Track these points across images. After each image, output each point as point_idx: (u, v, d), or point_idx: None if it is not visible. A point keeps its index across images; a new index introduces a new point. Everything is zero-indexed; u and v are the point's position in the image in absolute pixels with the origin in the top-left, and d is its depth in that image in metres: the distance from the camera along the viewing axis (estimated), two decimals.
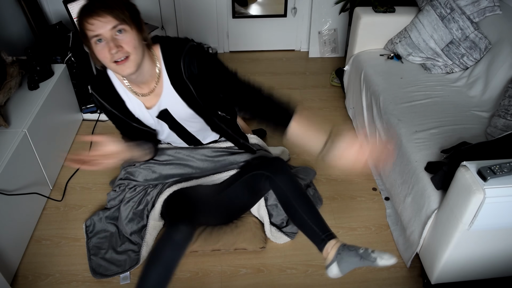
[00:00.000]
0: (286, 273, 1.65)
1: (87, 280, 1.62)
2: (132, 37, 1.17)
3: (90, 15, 1.12)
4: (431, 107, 1.88)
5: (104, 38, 1.14)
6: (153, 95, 1.37)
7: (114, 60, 1.16)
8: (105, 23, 1.12)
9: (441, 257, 1.41)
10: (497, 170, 1.21)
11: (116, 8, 1.13)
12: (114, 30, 1.14)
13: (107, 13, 1.12)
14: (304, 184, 1.96)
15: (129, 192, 1.70)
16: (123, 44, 1.15)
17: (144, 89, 1.36)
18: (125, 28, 1.15)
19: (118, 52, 1.15)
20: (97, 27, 1.12)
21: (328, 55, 3.17)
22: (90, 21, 1.12)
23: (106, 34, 1.13)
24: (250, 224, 1.74)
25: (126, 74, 1.21)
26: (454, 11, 2.06)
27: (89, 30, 1.13)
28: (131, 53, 1.17)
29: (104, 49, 1.15)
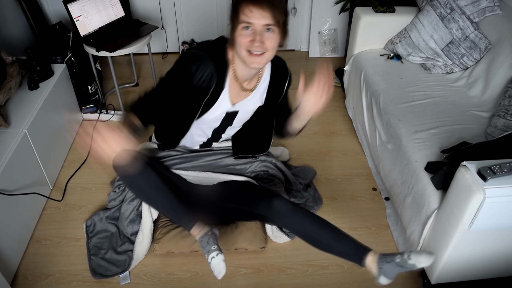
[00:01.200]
0: (286, 273, 1.65)
1: (87, 280, 1.62)
2: (276, 39, 1.22)
3: (254, 3, 1.15)
4: (431, 107, 1.88)
5: (253, 29, 1.18)
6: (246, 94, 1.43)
7: (248, 49, 1.21)
8: (263, 17, 1.16)
9: (441, 257, 1.41)
10: (497, 170, 1.21)
11: (279, 9, 1.18)
12: (265, 27, 1.18)
13: (270, 9, 1.16)
14: (304, 184, 1.96)
15: (130, 192, 1.70)
16: (266, 41, 1.20)
17: (245, 84, 1.41)
18: (275, 29, 1.20)
19: (259, 46, 1.19)
20: (254, 17, 1.16)
21: (328, 55, 3.17)
22: (251, 8, 1.15)
23: (258, 27, 1.17)
24: (250, 224, 1.74)
25: (253, 67, 1.25)
26: (454, 11, 2.06)
27: (244, 15, 1.17)
28: (268, 51, 1.22)
29: (247, 37, 1.19)
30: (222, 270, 1.43)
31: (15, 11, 2.46)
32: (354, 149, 2.27)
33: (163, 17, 2.98)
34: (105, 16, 2.32)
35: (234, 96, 1.43)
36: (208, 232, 1.51)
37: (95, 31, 2.27)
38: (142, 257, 1.68)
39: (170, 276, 1.64)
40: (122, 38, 2.27)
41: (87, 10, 2.23)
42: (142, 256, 1.68)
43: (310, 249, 1.73)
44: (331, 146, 2.30)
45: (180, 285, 1.61)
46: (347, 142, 2.32)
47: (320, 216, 1.45)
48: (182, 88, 1.33)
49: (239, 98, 1.44)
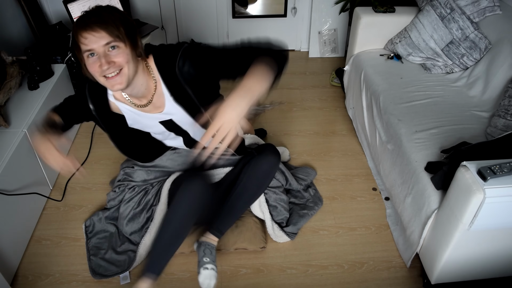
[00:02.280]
0: (286, 273, 1.65)
1: (87, 280, 1.62)
2: (125, 54, 1.16)
3: (84, 29, 1.11)
4: (431, 107, 1.88)
5: (97, 53, 1.13)
6: (153, 107, 1.36)
7: (104, 75, 1.16)
8: (99, 39, 1.11)
9: (441, 257, 1.41)
10: (497, 170, 1.21)
11: (111, 24, 1.12)
12: (107, 46, 1.13)
13: (102, 28, 1.11)
14: (305, 184, 1.96)
15: (129, 192, 1.70)
16: (115, 59, 1.14)
17: (142, 101, 1.35)
18: (118, 44, 1.14)
19: (109, 68, 1.14)
20: (91, 42, 1.11)
21: (328, 55, 3.18)
22: (84, 35, 1.11)
23: (99, 49, 1.12)
24: (251, 224, 1.74)
25: (115, 89, 1.19)
26: (454, 11, 2.06)
27: (82, 44, 1.12)
28: (123, 67, 1.16)
29: (95, 64, 1.14)
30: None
31: (15, 11, 2.46)
32: (354, 149, 2.27)
33: (163, 17, 2.98)
34: None
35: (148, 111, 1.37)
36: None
37: None
38: (143, 258, 1.68)
39: (170, 276, 1.64)
40: None
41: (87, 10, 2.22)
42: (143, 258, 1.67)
43: (310, 249, 1.74)
44: (331, 146, 2.30)
45: (180, 285, 1.61)
46: (347, 142, 2.33)
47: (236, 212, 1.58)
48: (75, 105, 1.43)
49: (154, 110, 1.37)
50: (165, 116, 1.40)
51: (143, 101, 1.35)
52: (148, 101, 1.35)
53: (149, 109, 1.37)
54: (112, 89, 1.20)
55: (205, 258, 1.52)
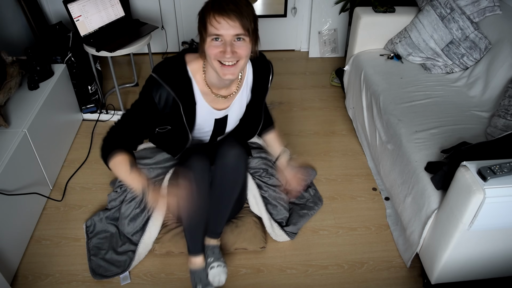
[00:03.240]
0: (286, 273, 1.65)
1: (87, 280, 1.62)
2: (247, 48, 1.19)
3: (220, 14, 1.12)
4: (431, 107, 1.88)
5: (223, 40, 1.15)
6: (227, 100, 1.40)
7: (220, 60, 1.17)
8: (232, 27, 1.13)
9: (441, 257, 1.41)
10: (497, 170, 1.21)
11: (247, 17, 1.14)
12: (235, 37, 1.15)
13: (238, 19, 1.12)
14: (305, 184, 1.96)
15: (130, 192, 1.70)
16: (238, 50, 1.17)
17: (223, 92, 1.37)
18: (245, 38, 1.17)
19: (231, 57, 1.16)
20: (222, 28, 1.12)
21: (328, 55, 3.17)
22: (218, 19, 1.12)
23: (228, 37, 1.14)
24: (250, 224, 1.74)
25: (226, 78, 1.20)
26: (454, 11, 2.06)
27: (212, 27, 1.13)
28: (241, 59, 1.19)
29: (217, 48, 1.16)
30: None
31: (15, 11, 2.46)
32: (354, 149, 2.27)
33: (163, 17, 2.98)
34: (105, 16, 2.32)
35: (215, 103, 1.39)
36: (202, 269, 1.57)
37: (95, 31, 2.27)
38: (143, 257, 1.68)
39: (170, 276, 1.64)
40: (122, 38, 2.27)
41: (87, 10, 2.23)
42: (143, 257, 1.68)
43: (310, 249, 1.74)
44: (331, 146, 2.30)
45: (180, 285, 1.61)
46: (347, 142, 2.33)
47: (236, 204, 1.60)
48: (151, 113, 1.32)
49: (223, 104, 1.41)
50: (224, 113, 1.44)
51: (223, 91, 1.38)
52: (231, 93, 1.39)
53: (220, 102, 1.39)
54: (224, 77, 1.21)
55: (209, 259, 1.57)
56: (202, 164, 1.42)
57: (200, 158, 1.42)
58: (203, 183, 1.43)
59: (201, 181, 1.42)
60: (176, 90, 1.29)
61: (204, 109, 1.39)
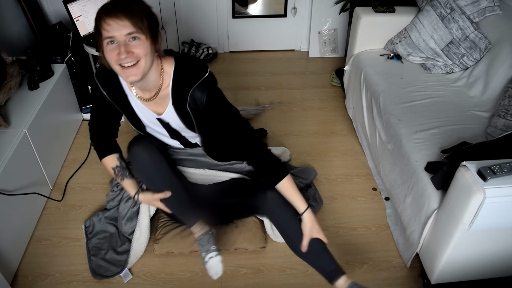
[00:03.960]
0: (286, 273, 1.65)
1: (87, 280, 1.62)
2: (144, 46, 1.16)
3: (109, 16, 1.12)
4: (431, 107, 1.88)
5: (117, 41, 1.14)
6: (155, 103, 1.37)
7: (119, 63, 1.16)
8: (122, 27, 1.12)
9: (441, 257, 1.41)
10: (497, 170, 1.21)
11: (136, 15, 1.13)
12: (129, 36, 1.14)
13: (127, 18, 1.12)
14: (305, 184, 1.96)
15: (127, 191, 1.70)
16: (134, 50, 1.15)
17: (145, 94, 1.35)
18: (139, 36, 1.15)
19: (127, 58, 1.15)
20: (113, 29, 1.12)
21: (328, 55, 3.17)
22: (108, 21, 1.12)
23: (120, 38, 1.13)
24: (250, 224, 1.74)
25: (130, 80, 1.20)
26: (454, 11, 2.06)
27: (104, 30, 1.13)
28: (140, 59, 1.17)
29: (113, 51, 1.15)
30: (219, 271, 1.47)
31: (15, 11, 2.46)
32: (354, 149, 2.27)
33: (163, 17, 2.98)
34: None
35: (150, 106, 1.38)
36: (208, 232, 1.52)
37: None
38: (140, 254, 1.68)
39: (170, 276, 1.64)
40: None
41: (87, 10, 2.23)
42: (140, 253, 1.68)
43: None
44: (331, 146, 2.30)
45: (180, 285, 1.61)
46: (347, 142, 2.33)
47: None
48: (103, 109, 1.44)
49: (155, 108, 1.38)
50: (164, 117, 1.40)
51: (146, 94, 1.36)
52: (151, 97, 1.35)
53: (150, 105, 1.38)
54: (126, 80, 1.21)
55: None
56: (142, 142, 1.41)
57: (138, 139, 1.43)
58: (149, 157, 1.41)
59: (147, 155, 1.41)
60: (107, 90, 1.37)
61: (141, 108, 1.39)
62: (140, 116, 1.42)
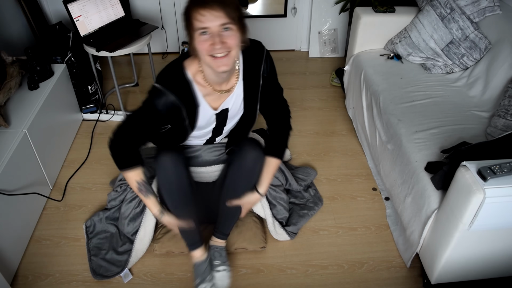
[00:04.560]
0: (286, 273, 1.65)
1: (87, 280, 1.62)
2: (236, 37, 1.18)
3: (203, 6, 1.12)
4: (431, 107, 1.88)
5: (210, 32, 1.14)
6: (228, 94, 1.39)
7: (211, 54, 1.17)
8: (216, 18, 1.12)
9: (441, 257, 1.41)
10: (497, 170, 1.21)
11: (230, 6, 1.14)
12: (222, 27, 1.14)
13: (221, 8, 1.12)
14: (305, 185, 1.96)
15: (130, 192, 1.70)
16: (227, 40, 1.16)
17: (224, 86, 1.36)
18: (232, 27, 1.16)
19: (221, 48, 1.15)
20: (207, 20, 1.12)
21: (328, 55, 3.18)
22: (202, 12, 1.12)
23: (214, 28, 1.14)
24: (250, 224, 1.74)
25: (221, 70, 1.20)
26: (454, 11, 2.06)
27: (197, 21, 1.13)
28: (232, 50, 1.18)
29: (206, 42, 1.15)
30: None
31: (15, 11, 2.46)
32: (354, 149, 2.27)
33: (163, 17, 2.98)
34: (105, 16, 2.32)
35: (216, 100, 1.39)
36: (207, 259, 1.57)
37: (95, 31, 2.27)
38: (141, 254, 1.68)
39: (170, 276, 1.64)
40: (122, 38, 2.27)
41: (87, 10, 2.23)
42: (141, 254, 1.68)
43: (310, 249, 1.74)
44: (331, 146, 2.30)
45: (180, 285, 1.61)
46: (347, 142, 2.33)
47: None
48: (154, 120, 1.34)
49: (223, 98, 1.40)
50: (224, 106, 1.41)
51: (223, 86, 1.36)
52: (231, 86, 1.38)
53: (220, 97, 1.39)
54: (217, 69, 1.21)
55: (215, 261, 1.58)
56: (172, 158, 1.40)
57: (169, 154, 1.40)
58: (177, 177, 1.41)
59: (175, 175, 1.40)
60: (179, 95, 1.30)
61: (206, 110, 1.39)
62: (200, 117, 1.41)
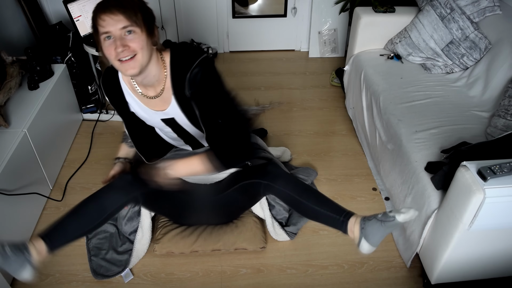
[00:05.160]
0: (286, 273, 1.65)
1: (87, 280, 1.62)
2: (140, 40, 1.18)
3: (103, 12, 1.14)
4: (431, 107, 1.88)
5: (113, 36, 1.16)
6: (160, 100, 1.36)
7: (118, 59, 1.18)
8: (117, 22, 1.14)
9: (441, 257, 1.41)
10: (497, 170, 1.21)
11: (130, 9, 1.15)
12: (124, 30, 1.15)
13: (120, 12, 1.14)
14: None
15: None
16: (130, 44, 1.17)
17: (150, 91, 1.35)
18: (134, 30, 1.16)
19: (123, 51, 1.16)
20: (108, 24, 1.14)
21: (328, 55, 3.17)
22: (102, 17, 1.14)
23: (116, 32, 1.15)
24: (250, 224, 1.74)
25: (128, 74, 1.21)
26: (454, 11, 2.06)
27: (100, 26, 1.15)
28: (137, 53, 1.18)
29: (111, 46, 1.17)
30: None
31: (15, 11, 2.46)
32: (354, 149, 2.27)
33: (163, 17, 2.98)
34: None
35: (151, 105, 1.38)
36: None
37: None
38: (142, 254, 1.68)
39: (170, 276, 1.64)
40: None
41: (87, 10, 2.23)
42: (142, 254, 1.68)
43: (310, 249, 1.74)
44: (331, 146, 2.30)
45: (180, 285, 1.61)
46: (347, 142, 2.33)
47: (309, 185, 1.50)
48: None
49: (159, 104, 1.37)
50: (168, 114, 1.40)
51: (151, 92, 1.36)
52: (157, 94, 1.35)
53: (155, 103, 1.37)
54: (125, 73, 1.22)
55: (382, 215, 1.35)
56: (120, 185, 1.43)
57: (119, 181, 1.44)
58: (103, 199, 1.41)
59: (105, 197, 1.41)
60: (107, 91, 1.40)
61: (142, 109, 1.40)
62: (142, 117, 1.43)
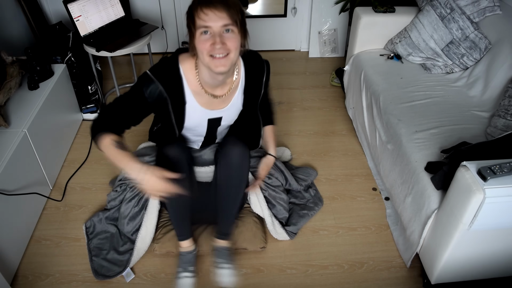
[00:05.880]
0: (286, 273, 1.65)
1: (87, 280, 1.62)
2: (237, 39, 1.19)
3: (207, 6, 1.13)
4: (431, 107, 1.88)
5: (212, 32, 1.16)
6: (222, 100, 1.39)
7: (211, 54, 1.18)
8: (220, 18, 1.14)
9: (441, 257, 1.41)
10: (497, 170, 1.21)
11: (233, 8, 1.15)
12: (224, 28, 1.15)
13: (225, 9, 1.14)
14: (305, 185, 1.96)
15: (130, 191, 1.71)
16: (227, 42, 1.17)
17: (217, 91, 1.37)
18: (233, 29, 1.17)
19: (221, 48, 1.16)
20: (210, 19, 1.14)
21: (328, 55, 3.18)
22: (206, 11, 1.13)
23: (216, 28, 1.15)
24: (250, 224, 1.74)
25: (218, 71, 1.21)
26: (454, 11, 2.06)
27: (200, 19, 1.15)
28: (231, 52, 1.19)
29: (207, 41, 1.16)
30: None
31: (15, 11, 2.46)
32: (354, 149, 2.27)
33: (163, 17, 2.98)
34: (105, 16, 2.32)
35: (208, 104, 1.39)
36: (193, 251, 1.60)
37: (95, 31, 2.27)
38: (143, 253, 1.67)
39: (170, 276, 1.64)
40: (122, 38, 2.27)
41: (87, 10, 2.23)
42: (143, 252, 1.67)
43: (310, 249, 1.74)
44: (331, 146, 2.30)
45: None
46: (347, 142, 2.33)
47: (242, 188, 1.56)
48: (139, 107, 1.33)
49: (218, 105, 1.40)
50: (219, 114, 1.43)
51: (218, 91, 1.37)
52: (224, 93, 1.38)
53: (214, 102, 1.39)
54: (215, 70, 1.21)
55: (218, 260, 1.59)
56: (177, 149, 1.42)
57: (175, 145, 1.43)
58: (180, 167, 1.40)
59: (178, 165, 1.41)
60: (166, 86, 1.31)
61: (195, 109, 1.39)
62: (188, 116, 1.41)
